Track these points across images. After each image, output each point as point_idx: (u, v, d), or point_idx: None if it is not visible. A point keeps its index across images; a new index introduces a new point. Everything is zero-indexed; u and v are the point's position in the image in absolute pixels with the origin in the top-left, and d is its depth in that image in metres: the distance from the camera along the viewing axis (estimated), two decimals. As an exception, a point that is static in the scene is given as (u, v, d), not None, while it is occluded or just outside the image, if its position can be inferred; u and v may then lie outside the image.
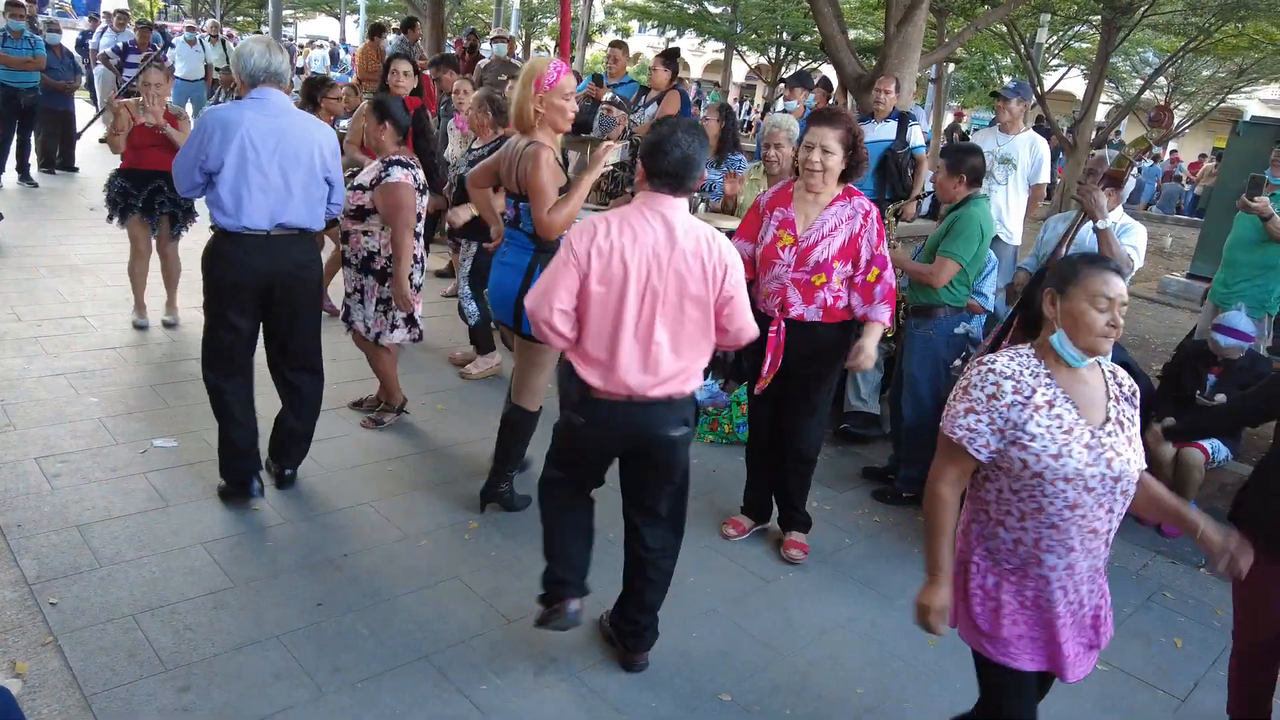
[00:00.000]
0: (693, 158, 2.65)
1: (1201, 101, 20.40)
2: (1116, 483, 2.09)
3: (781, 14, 21.00)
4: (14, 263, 6.56)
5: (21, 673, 2.67)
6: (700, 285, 2.65)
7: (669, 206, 2.67)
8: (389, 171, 4.14)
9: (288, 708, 2.67)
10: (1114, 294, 2.09)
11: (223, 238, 3.53)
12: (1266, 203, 5.03)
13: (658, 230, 2.63)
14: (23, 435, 4.06)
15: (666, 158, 2.63)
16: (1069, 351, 2.10)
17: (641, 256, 2.60)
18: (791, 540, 3.85)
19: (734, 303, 2.72)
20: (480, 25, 24.10)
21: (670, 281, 2.63)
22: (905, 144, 6.01)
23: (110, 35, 12.17)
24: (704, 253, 2.64)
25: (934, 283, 4.12)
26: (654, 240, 2.62)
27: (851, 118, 3.54)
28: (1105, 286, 2.08)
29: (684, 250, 2.63)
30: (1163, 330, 8.34)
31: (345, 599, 3.21)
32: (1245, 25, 13.24)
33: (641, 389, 2.68)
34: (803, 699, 3.00)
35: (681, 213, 2.68)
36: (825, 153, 3.41)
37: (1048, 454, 2.05)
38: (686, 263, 2.63)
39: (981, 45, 18.39)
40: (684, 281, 2.63)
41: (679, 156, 2.63)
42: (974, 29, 9.84)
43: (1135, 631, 3.63)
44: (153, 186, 5.47)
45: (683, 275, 2.63)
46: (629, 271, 2.60)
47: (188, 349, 5.32)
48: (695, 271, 2.63)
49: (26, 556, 3.21)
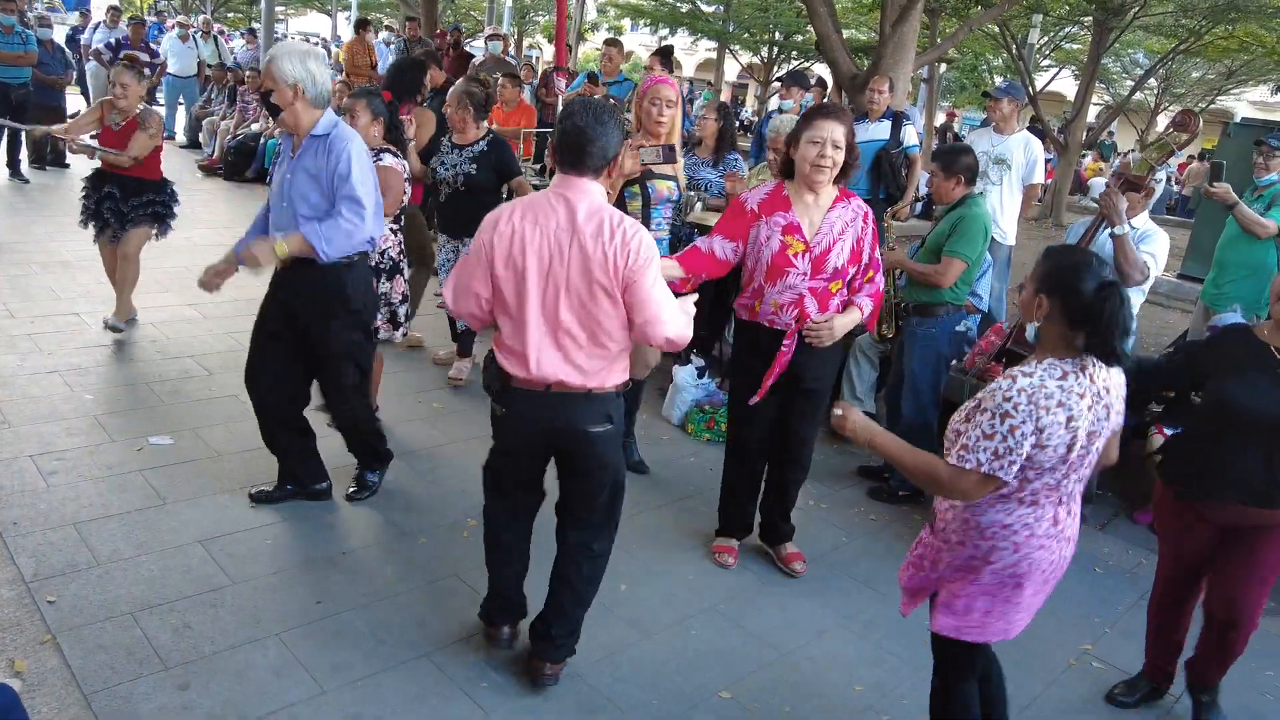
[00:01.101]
0: (584, 130, 2.53)
1: (1191, 103, 20.52)
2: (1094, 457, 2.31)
3: (774, 13, 21.04)
4: (6, 259, 6.52)
5: (20, 671, 2.66)
6: (602, 271, 2.51)
7: (572, 188, 2.57)
8: (380, 156, 4.14)
9: (288, 705, 2.67)
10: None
11: None
12: (1227, 189, 5.05)
13: (559, 214, 2.54)
14: (17, 432, 4.04)
15: (562, 134, 2.57)
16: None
17: (543, 241, 2.52)
18: (791, 553, 3.76)
19: (635, 290, 2.53)
20: (472, 23, 24.05)
21: (573, 267, 2.52)
22: (899, 144, 6.03)
23: (103, 31, 12.11)
24: (605, 236, 2.51)
25: (942, 283, 4.12)
26: (555, 224, 2.53)
27: (849, 114, 3.46)
28: None
29: (584, 234, 2.51)
30: (1153, 330, 8.38)
31: (344, 597, 3.21)
32: (1236, 27, 13.32)
33: (556, 379, 2.59)
34: (802, 696, 3.02)
35: (587, 195, 2.57)
36: (836, 148, 3.24)
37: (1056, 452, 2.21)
38: (587, 247, 2.51)
39: (973, 45, 18.46)
40: (588, 267, 2.51)
41: (569, 128, 2.55)
42: (968, 29, 9.88)
43: (1129, 631, 3.64)
44: (104, 192, 5.29)
45: (586, 261, 2.51)
46: (528, 257, 2.53)
47: (183, 347, 5.30)
48: (597, 256, 2.51)
49: (23, 554, 3.20)
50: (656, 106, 4.01)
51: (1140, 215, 4.07)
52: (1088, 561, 4.07)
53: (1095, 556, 4.17)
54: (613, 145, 2.59)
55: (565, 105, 2.68)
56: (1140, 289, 4.03)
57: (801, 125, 3.32)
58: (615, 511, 2.88)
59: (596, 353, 2.61)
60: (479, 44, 15.79)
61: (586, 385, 2.62)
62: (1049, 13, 14.16)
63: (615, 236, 2.51)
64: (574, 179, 2.58)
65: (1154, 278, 4.00)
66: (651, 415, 5.14)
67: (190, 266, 6.78)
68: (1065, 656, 3.41)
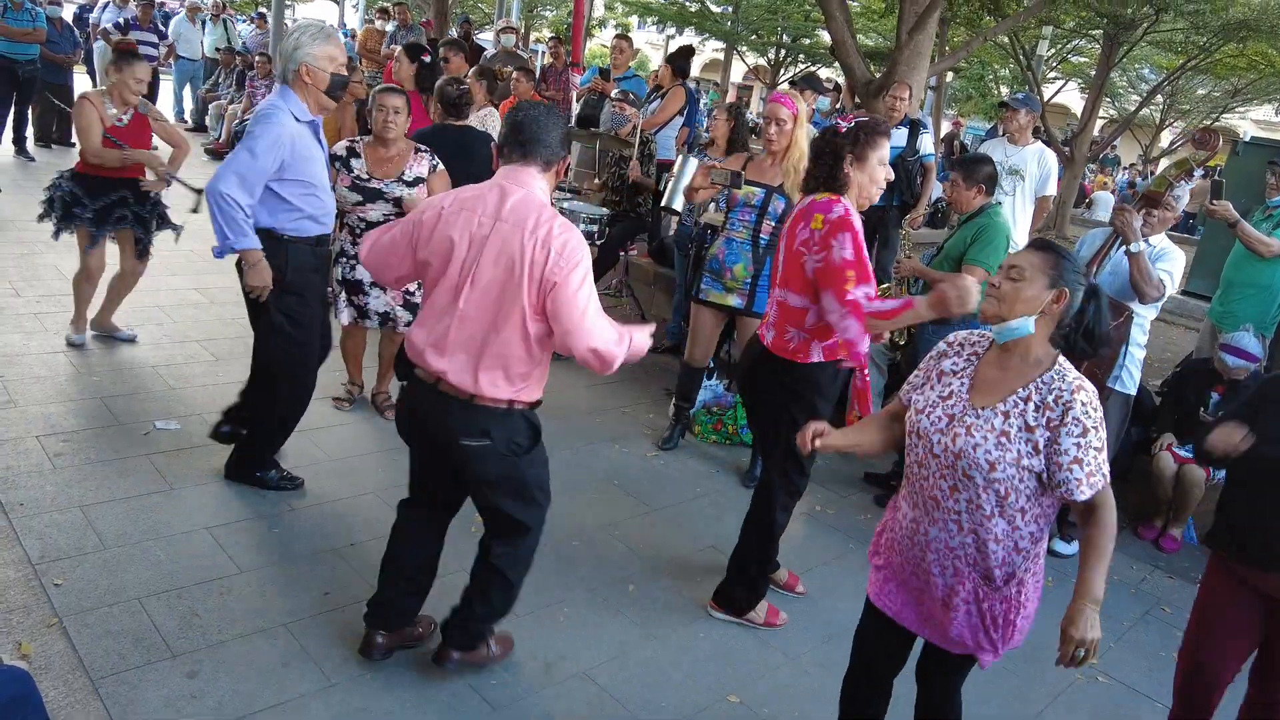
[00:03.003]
0: (536, 119, 2.49)
1: (1195, 120, 20.55)
2: (957, 459, 2.08)
3: (783, 16, 21.02)
4: (12, 237, 6.49)
5: (27, 654, 2.64)
6: (518, 265, 2.37)
7: (510, 177, 2.48)
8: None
9: (297, 696, 2.66)
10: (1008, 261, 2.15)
11: None
12: (1227, 206, 5.05)
13: (489, 201, 2.45)
14: (24, 413, 4.01)
15: (509, 125, 2.52)
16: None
17: (464, 227, 2.43)
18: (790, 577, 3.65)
19: (555, 293, 2.38)
20: (480, 16, 23.98)
21: (486, 256, 2.40)
22: (915, 151, 6.03)
23: (112, 10, 12.03)
24: (527, 228, 2.38)
25: None
26: (480, 211, 2.44)
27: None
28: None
29: (506, 223, 2.40)
30: (1158, 346, 8.39)
31: (352, 589, 3.19)
32: (1246, 46, 13.33)
33: (437, 371, 2.48)
34: (810, 701, 3.01)
35: (524, 187, 2.46)
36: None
37: (915, 406, 2.23)
38: (506, 237, 2.39)
39: (982, 55, 18.46)
40: (502, 259, 2.39)
41: (518, 119, 2.50)
42: (981, 39, 9.88)
43: (1133, 645, 3.65)
44: (114, 198, 4.73)
45: (501, 252, 2.39)
46: (454, 242, 2.43)
47: (188, 330, 5.27)
48: (514, 249, 2.38)
49: (30, 536, 3.17)
50: (769, 124, 4.15)
51: (1158, 233, 4.06)
52: (1093, 576, 4.07)
53: (1100, 571, 4.16)
54: (558, 145, 2.53)
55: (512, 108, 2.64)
56: (1154, 305, 4.02)
57: (870, 143, 2.99)
58: (523, 524, 2.70)
59: (492, 356, 2.45)
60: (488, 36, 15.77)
61: (469, 388, 2.47)
62: (1060, 25, 14.16)
63: (539, 230, 2.38)
64: (516, 169, 2.50)
65: (1169, 295, 4.00)
66: (659, 416, 5.12)
67: (197, 250, 6.74)
68: (1072, 671, 3.40)
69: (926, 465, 2.16)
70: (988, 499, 2.09)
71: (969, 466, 2.07)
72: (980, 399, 2.13)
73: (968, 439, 2.08)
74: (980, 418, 2.09)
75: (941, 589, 2.20)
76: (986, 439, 2.06)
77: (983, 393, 2.13)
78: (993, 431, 2.06)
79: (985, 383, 2.15)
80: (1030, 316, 2.08)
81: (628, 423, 5.01)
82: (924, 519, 2.20)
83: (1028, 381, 2.08)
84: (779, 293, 3.17)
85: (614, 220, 6.21)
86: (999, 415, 2.07)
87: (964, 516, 2.12)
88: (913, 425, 2.21)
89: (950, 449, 2.10)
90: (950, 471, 2.11)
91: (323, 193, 3.54)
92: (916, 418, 2.20)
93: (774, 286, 3.23)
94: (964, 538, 2.14)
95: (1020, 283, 2.08)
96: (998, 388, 2.11)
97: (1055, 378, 2.07)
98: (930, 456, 2.15)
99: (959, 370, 2.21)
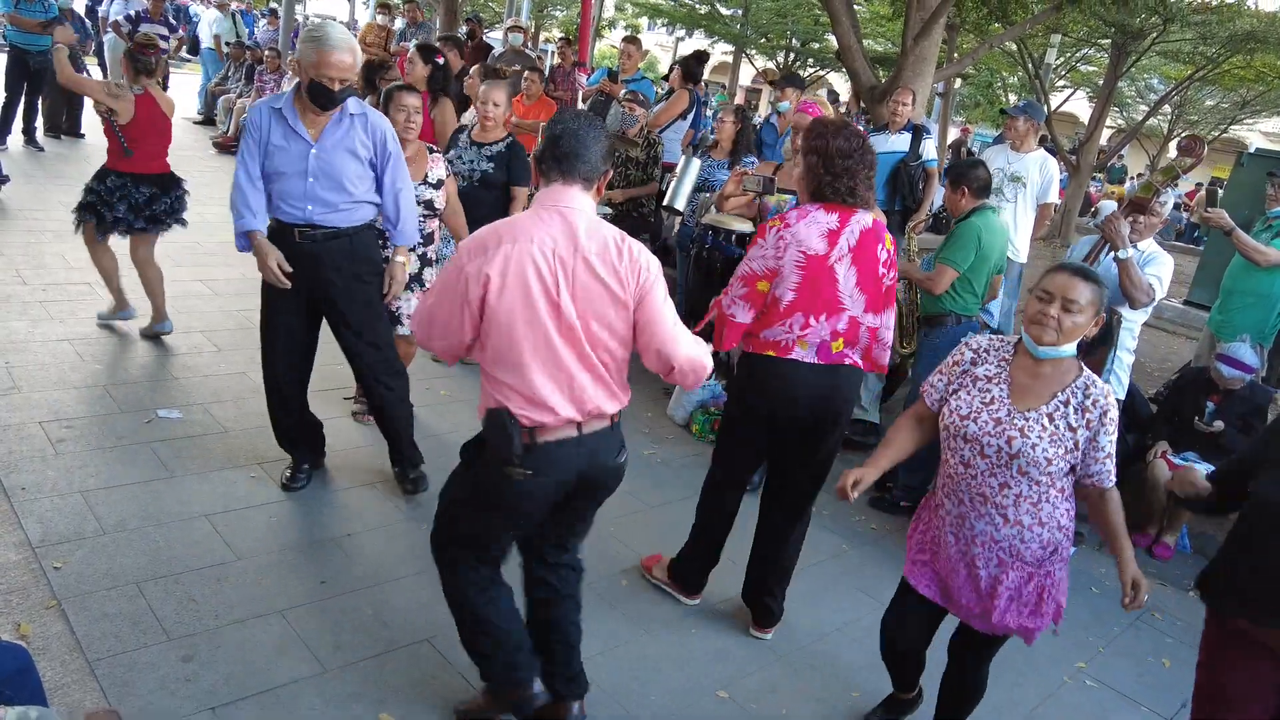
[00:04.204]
0: (578, 134, 2.30)
1: (1204, 131, 20.52)
2: (1013, 459, 2.32)
3: (792, 19, 21.04)
4: (20, 226, 6.54)
5: (25, 635, 2.68)
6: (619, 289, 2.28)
7: (564, 199, 2.29)
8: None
9: (290, 682, 2.69)
10: (1055, 288, 2.31)
11: None
12: (1221, 214, 5.06)
13: (555, 231, 2.25)
14: (27, 398, 4.05)
15: (551, 139, 2.32)
16: (1027, 337, 2.37)
17: (541, 265, 2.21)
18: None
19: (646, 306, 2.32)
20: (490, 14, 24.03)
21: (581, 283, 2.25)
22: (918, 157, 6.05)
23: (121, 2, 12.10)
24: (612, 254, 2.27)
25: (933, 289, 4.23)
26: (553, 245, 2.23)
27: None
28: (1049, 280, 2.35)
29: (589, 252, 2.25)
30: (1158, 355, 8.40)
31: (348, 578, 3.23)
32: (1254, 58, 13.33)
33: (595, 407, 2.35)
34: (799, 699, 3.03)
35: (583, 210, 2.30)
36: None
37: (958, 413, 2.41)
38: (595, 268, 2.25)
39: (990, 62, 18.47)
40: (599, 282, 2.26)
41: (561, 132, 2.31)
42: (987, 46, 9.89)
43: (1124, 651, 3.67)
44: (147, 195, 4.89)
45: (597, 276, 2.25)
46: (530, 286, 2.21)
47: (191, 321, 5.31)
48: (608, 276, 2.26)
49: (31, 519, 3.21)
50: (797, 133, 4.17)
51: (1146, 239, 4.09)
52: (1085, 581, 4.10)
53: (1093, 577, 4.19)
54: (603, 159, 2.36)
55: (551, 117, 2.56)
56: (1145, 310, 4.05)
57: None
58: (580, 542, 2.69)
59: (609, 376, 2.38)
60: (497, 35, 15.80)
61: (611, 414, 2.42)
62: (1069, 34, 14.17)
63: (624, 255, 2.28)
64: (563, 190, 2.30)
65: (1158, 300, 4.03)
66: (657, 414, 5.15)
67: (202, 243, 6.79)
68: (1061, 673, 3.43)
69: (974, 465, 2.39)
70: (1037, 490, 2.35)
71: (1026, 464, 2.32)
72: (1023, 403, 2.36)
73: (1024, 440, 2.31)
74: (1030, 420, 2.33)
75: (986, 580, 2.44)
76: (1041, 438, 2.31)
77: (1024, 397, 2.37)
78: (1045, 431, 2.31)
79: (1023, 388, 2.39)
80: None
81: (626, 420, 5.00)
82: (970, 513, 2.42)
83: (1064, 387, 2.35)
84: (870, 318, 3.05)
85: (616, 220, 6.25)
86: (1044, 416, 2.33)
87: (1010, 509, 2.37)
88: (956, 429, 2.41)
89: (1005, 450, 2.33)
90: (1002, 469, 2.35)
91: (283, 180, 3.42)
92: (961, 423, 2.40)
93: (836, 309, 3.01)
94: (1010, 529, 2.38)
95: (1079, 316, 2.31)
96: (1037, 392, 2.37)
97: (1089, 384, 2.35)
98: (980, 457, 2.37)
99: (993, 376, 2.43)
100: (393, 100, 4.10)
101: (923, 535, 2.65)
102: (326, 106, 3.34)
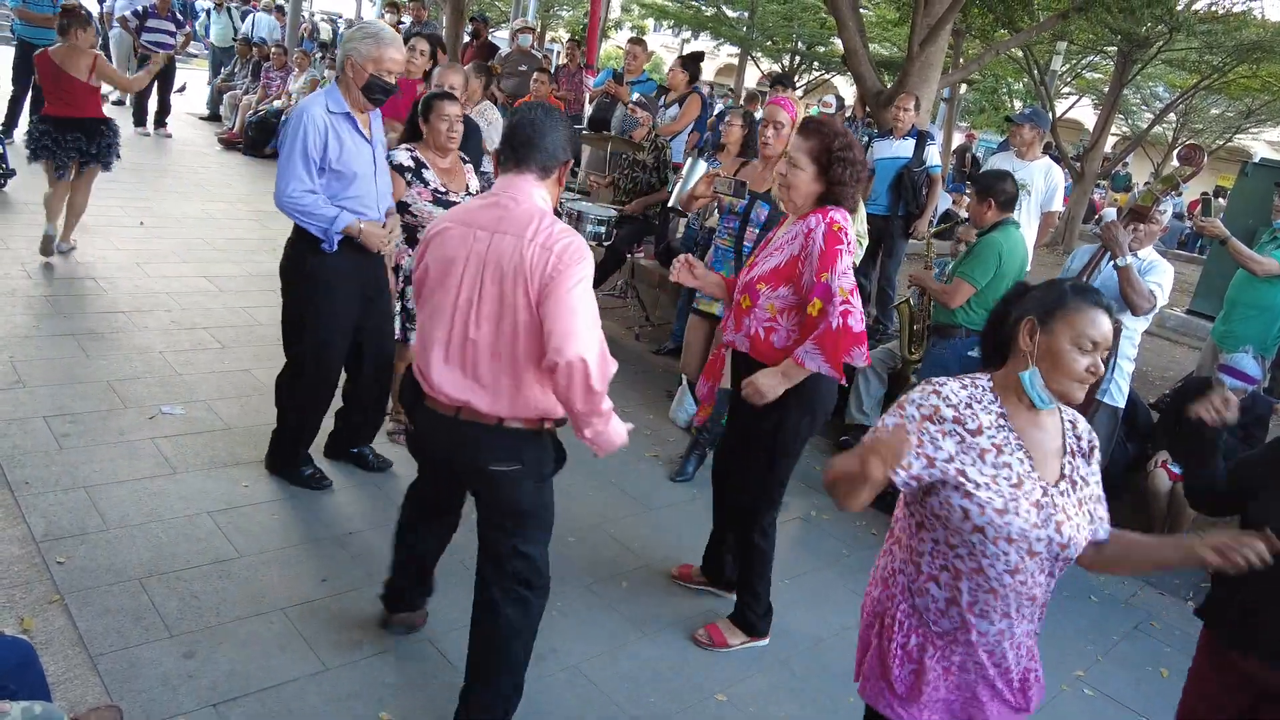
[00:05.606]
0: (535, 123, 2.32)
1: (1209, 139, 20.54)
2: (1064, 549, 1.88)
3: (798, 23, 21.06)
4: (26, 219, 6.56)
5: (28, 629, 2.69)
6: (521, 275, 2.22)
7: (510, 188, 2.32)
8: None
9: (291, 679, 2.70)
10: (1100, 336, 1.86)
11: None
12: (1215, 223, 5.07)
13: (489, 215, 2.30)
14: (33, 393, 4.07)
15: (509, 129, 2.36)
16: (1038, 392, 1.88)
17: (460, 243, 2.29)
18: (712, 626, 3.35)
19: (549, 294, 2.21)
20: (497, 14, 24.05)
21: (491, 270, 2.25)
22: (922, 162, 6.06)
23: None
24: (526, 237, 2.23)
25: (949, 303, 4.20)
26: (479, 225, 2.29)
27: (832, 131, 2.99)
28: (1092, 327, 1.85)
29: (506, 235, 2.24)
30: (1160, 365, 8.40)
31: (349, 576, 3.24)
32: (1259, 68, 13.33)
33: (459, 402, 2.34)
34: (796, 702, 3.04)
35: (526, 198, 2.31)
36: (794, 167, 2.96)
37: (992, 507, 1.83)
38: (506, 249, 2.24)
39: (995, 68, 18.48)
40: (511, 269, 2.22)
41: (517, 122, 2.34)
42: (993, 52, 9.90)
43: (1122, 660, 3.68)
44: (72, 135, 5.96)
45: (509, 262, 2.23)
46: (449, 261, 2.30)
47: (195, 318, 5.33)
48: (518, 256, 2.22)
49: (34, 514, 3.23)
50: (766, 126, 4.07)
51: (1146, 247, 4.10)
52: (1083, 589, 4.10)
53: (1091, 585, 4.19)
54: (562, 149, 2.36)
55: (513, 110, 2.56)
56: (1145, 317, 4.07)
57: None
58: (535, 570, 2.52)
59: (515, 374, 2.30)
60: (503, 35, 15.83)
61: (497, 413, 2.33)
62: (1074, 41, 14.17)
63: (539, 235, 2.23)
64: (514, 178, 2.34)
65: (1159, 307, 4.05)
66: (658, 417, 5.16)
67: (207, 239, 6.82)
68: (1058, 681, 3.43)
69: (1024, 569, 1.88)
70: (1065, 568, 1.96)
71: (1075, 550, 1.91)
72: (1047, 473, 1.91)
73: (1071, 526, 1.89)
74: (1066, 496, 1.91)
75: (1018, 675, 2.01)
76: (1078, 516, 1.91)
77: (1044, 465, 1.91)
78: (1079, 506, 1.92)
79: (1038, 449, 1.91)
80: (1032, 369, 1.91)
81: (626, 421, 5.03)
82: (1017, 618, 1.94)
83: (1063, 434, 1.96)
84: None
85: (621, 222, 6.26)
86: (1067, 483, 1.92)
87: (1049, 594, 1.98)
88: (997, 531, 1.84)
89: (1056, 540, 1.87)
90: (1052, 563, 1.91)
91: (358, 182, 3.43)
92: (1002, 521, 1.83)
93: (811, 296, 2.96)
94: (1042, 612, 2.02)
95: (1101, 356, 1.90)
96: (1049, 452, 1.93)
97: (1077, 422, 2.00)
98: (1028, 557, 1.86)
99: (1005, 445, 1.88)
100: (433, 109, 3.87)
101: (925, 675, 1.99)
102: (381, 102, 3.43)
